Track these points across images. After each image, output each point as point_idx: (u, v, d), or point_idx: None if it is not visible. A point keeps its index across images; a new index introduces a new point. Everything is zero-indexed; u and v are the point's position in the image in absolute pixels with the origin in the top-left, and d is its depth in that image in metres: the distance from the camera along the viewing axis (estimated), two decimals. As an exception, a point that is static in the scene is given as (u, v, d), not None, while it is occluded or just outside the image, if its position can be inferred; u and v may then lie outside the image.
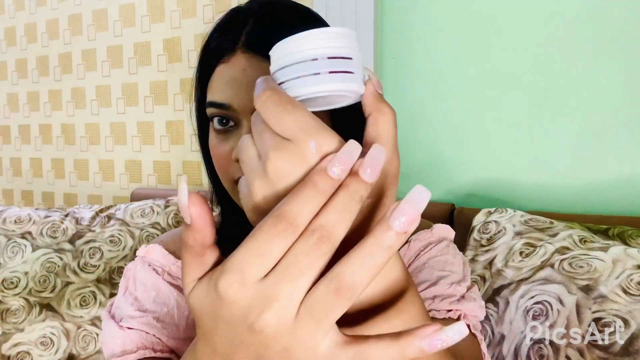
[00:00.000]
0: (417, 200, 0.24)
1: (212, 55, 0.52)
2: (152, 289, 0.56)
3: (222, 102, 0.49)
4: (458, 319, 0.52)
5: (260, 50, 0.48)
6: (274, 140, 0.26)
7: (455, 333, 0.24)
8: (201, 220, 0.26)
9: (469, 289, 0.56)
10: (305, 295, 0.24)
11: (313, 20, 0.53)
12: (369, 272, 0.24)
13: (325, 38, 0.28)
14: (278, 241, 0.24)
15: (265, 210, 0.26)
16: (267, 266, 0.24)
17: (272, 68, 0.30)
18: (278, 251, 0.24)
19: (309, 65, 0.28)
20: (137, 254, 0.60)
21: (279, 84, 0.29)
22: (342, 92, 0.29)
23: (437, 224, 0.62)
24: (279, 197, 0.26)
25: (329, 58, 0.28)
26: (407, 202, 0.24)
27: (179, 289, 0.56)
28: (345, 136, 0.27)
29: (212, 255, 0.27)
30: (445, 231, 0.62)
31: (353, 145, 0.25)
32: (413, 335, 0.24)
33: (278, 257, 0.24)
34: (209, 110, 0.51)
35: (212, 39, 0.53)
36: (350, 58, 0.29)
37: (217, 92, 0.50)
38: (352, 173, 0.25)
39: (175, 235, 0.63)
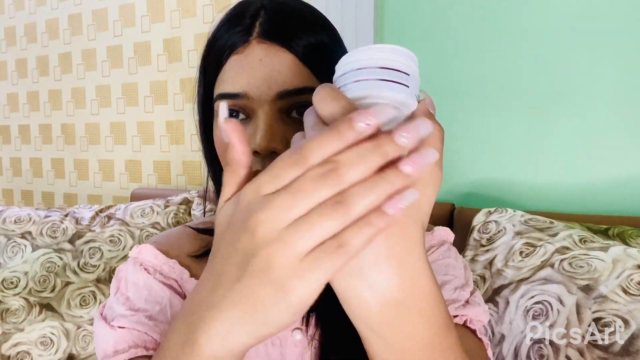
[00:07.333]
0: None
1: (221, 48, 0.49)
2: (144, 288, 0.54)
3: (236, 92, 0.47)
4: (464, 324, 0.52)
5: (277, 39, 0.47)
6: (319, 126, 0.28)
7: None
8: (236, 136, 0.29)
9: (472, 293, 0.55)
10: (300, 216, 0.26)
11: (320, 16, 0.52)
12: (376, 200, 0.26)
13: (384, 51, 0.29)
14: (290, 170, 0.26)
15: None
16: (277, 187, 0.26)
17: (334, 77, 0.31)
18: (288, 178, 0.26)
19: (362, 72, 0.29)
20: (129, 255, 0.59)
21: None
22: (389, 100, 0.29)
23: (437, 227, 0.61)
24: None
25: (381, 68, 0.29)
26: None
27: (171, 287, 0.55)
28: None
29: (247, 178, 0.30)
30: (445, 234, 0.61)
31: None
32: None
33: (288, 182, 0.26)
34: (220, 104, 0.49)
35: (219, 33, 0.51)
36: (408, 74, 0.29)
37: (230, 82, 0.48)
38: (387, 132, 0.26)
39: (170, 235, 0.62)
